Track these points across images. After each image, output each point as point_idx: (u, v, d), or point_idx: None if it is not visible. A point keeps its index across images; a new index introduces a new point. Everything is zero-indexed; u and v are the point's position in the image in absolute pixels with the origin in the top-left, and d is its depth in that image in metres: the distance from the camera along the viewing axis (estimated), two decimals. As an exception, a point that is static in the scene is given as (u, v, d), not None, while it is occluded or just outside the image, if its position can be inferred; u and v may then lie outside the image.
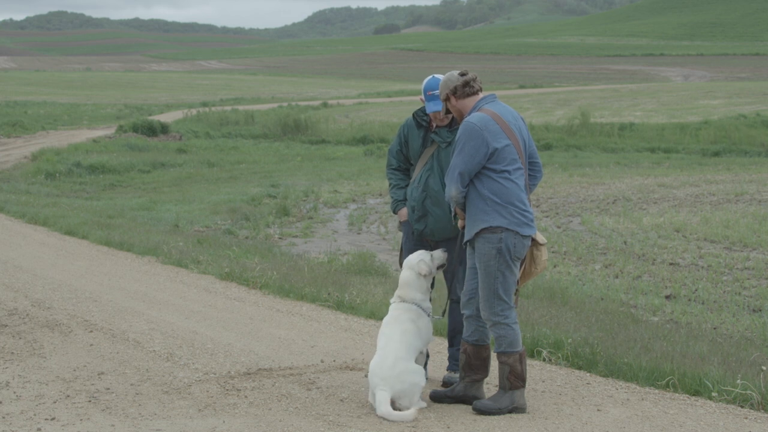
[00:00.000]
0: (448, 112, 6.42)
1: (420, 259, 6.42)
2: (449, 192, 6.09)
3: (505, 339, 6.04)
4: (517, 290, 6.13)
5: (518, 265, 6.09)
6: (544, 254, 6.21)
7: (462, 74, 6.21)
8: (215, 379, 6.77)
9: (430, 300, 6.58)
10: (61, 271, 11.25)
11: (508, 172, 6.02)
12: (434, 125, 6.72)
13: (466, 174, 6.01)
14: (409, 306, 6.30)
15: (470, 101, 6.20)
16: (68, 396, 6.36)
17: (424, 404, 6.17)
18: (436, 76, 6.60)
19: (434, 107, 6.54)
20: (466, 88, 6.18)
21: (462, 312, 6.28)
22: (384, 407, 5.93)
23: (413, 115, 6.83)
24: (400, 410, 6.00)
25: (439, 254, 6.49)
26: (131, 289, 10.15)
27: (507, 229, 5.97)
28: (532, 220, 6.08)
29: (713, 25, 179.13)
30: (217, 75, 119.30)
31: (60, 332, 8.15)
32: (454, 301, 6.69)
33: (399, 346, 6.11)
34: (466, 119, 6.11)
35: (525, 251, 6.07)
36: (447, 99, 6.26)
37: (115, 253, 12.69)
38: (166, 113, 52.51)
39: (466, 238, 6.14)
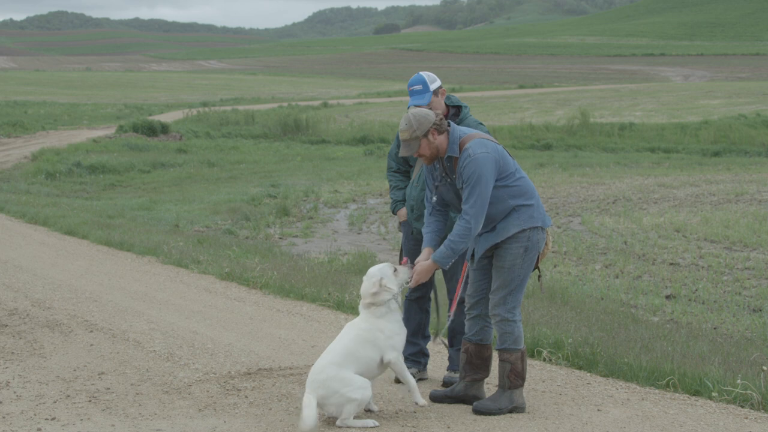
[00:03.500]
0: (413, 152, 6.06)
1: (381, 276, 5.96)
2: (477, 227, 5.87)
3: (510, 336, 6.06)
4: (540, 276, 6.23)
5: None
6: (547, 233, 6.24)
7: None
8: (215, 379, 6.77)
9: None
10: (61, 271, 11.25)
11: (517, 170, 6.08)
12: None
13: (485, 204, 5.90)
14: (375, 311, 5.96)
15: (445, 137, 6.05)
16: (68, 396, 6.36)
17: (362, 423, 5.74)
18: (421, 73, 6.63)
19: (416, 101, 6.55)
20: (443, 123, 6.04)
21: (468, 312, 6.26)
22: (306, 410, 5.56)
23: None
24: (330, 416, 5.75)
25: (405, 270, 6.06)
26: (131, 289, 10.15)
27: (534, 227, 6.03)
28: (543, 208, 6.18)
29: (713, 25, 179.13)
30: (217, 75, 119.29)
31: (60, 332, 8.15)
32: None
33: (338, 353, 5.80)
34: (470, 155, 5.90)
35: (544, 242, 6.14)
36: (426, 135, 5.97)
37: (115, 253, 12.69)
38: (166, 113, 52.50)
39: (492, 241, 6.05)
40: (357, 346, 5.84)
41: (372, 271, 6.01)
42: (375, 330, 5.89)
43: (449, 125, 6.07)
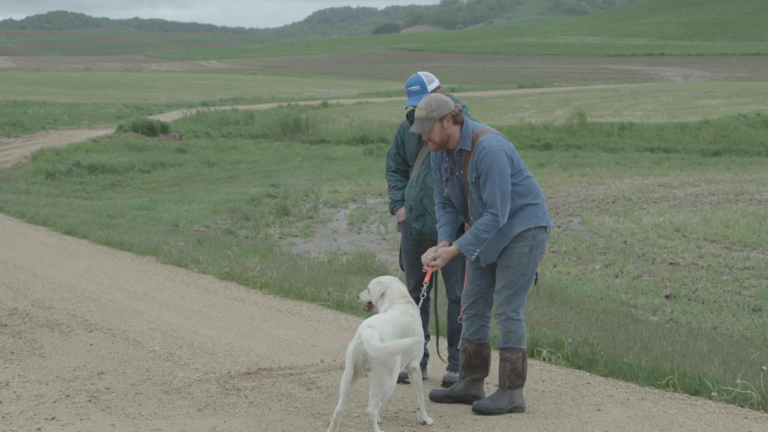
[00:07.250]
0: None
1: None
2: (504, 219, 5.88)
3: (514, 335, 6.06)
4: (536, 279, 6.19)
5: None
6: None
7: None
8: (215, 379, 6.77)
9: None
10: (61, 270, 11.25)
11: (524, 169, 6.09)
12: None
13: (509, 195, 5.93)
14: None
15: (459, 129, 6.04)
16: (68, 396, 6.36)
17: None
18: (419, 73, 6.63)
19: (414, 102, 6.56)
20: (460, 114, 6.05)
21: (466, 311, 6.25)
22: (372, 341, 5.35)
23: (407, 116, 6.85)
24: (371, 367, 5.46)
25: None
26: (131, 289, 10.15)
27: (539, 226, 6.04)
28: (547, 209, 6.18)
29: (713, 25, 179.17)
30: (217, 75, 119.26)
31: (60, 332, 8.15)
32: (453, 302, 6.68)
33: (400, 323, 5.75)
34: (485, 147, 5.92)
35: (547, 242, 6.16)
36: (441, 120, 5.95)
37: (115, 253, 12.69)
38: (166, 113, 52.48)
39: (501, 245, 6.04)
40: (413, 327, 5.79)
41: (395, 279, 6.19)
42: (415, 320, 5.87)
43: (465, 119, 6.05)
